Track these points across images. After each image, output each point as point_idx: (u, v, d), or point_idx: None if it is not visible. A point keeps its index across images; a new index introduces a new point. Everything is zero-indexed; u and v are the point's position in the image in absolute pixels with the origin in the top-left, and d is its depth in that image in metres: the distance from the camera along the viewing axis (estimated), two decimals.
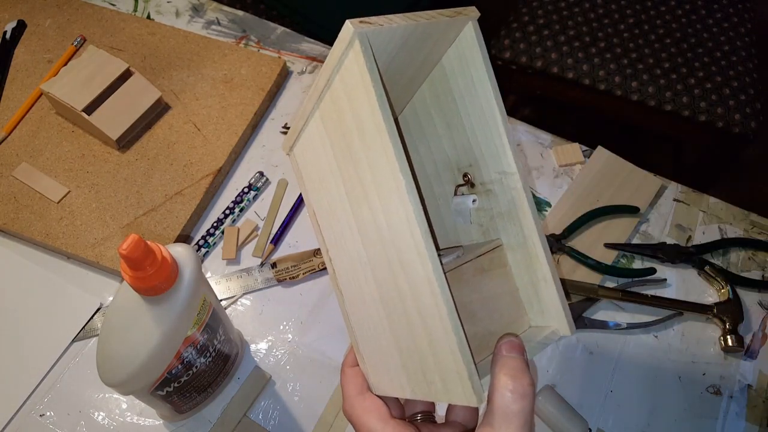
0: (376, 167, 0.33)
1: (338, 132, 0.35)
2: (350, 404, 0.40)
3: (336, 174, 0.37)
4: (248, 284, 0.65)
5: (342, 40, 0.32)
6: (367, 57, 0.31)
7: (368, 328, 0.40)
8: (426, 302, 0.33)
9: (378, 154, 0.32)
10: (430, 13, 0.34)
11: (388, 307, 0.37)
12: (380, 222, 0.35)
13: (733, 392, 0.60)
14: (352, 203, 0.37)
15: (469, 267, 0.38)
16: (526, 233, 0.38)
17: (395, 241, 0.34)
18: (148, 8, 0.86)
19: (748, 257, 0.68)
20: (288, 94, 0.78)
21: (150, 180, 0.69)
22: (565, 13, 1.20)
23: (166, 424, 0.58)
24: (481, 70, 0.37)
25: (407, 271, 0.34)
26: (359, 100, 0.32)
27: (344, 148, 0.35)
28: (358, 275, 0.39)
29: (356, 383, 0.41)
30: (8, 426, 0.57)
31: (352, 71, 0.32)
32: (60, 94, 0.69)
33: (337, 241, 0.40)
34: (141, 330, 0.44)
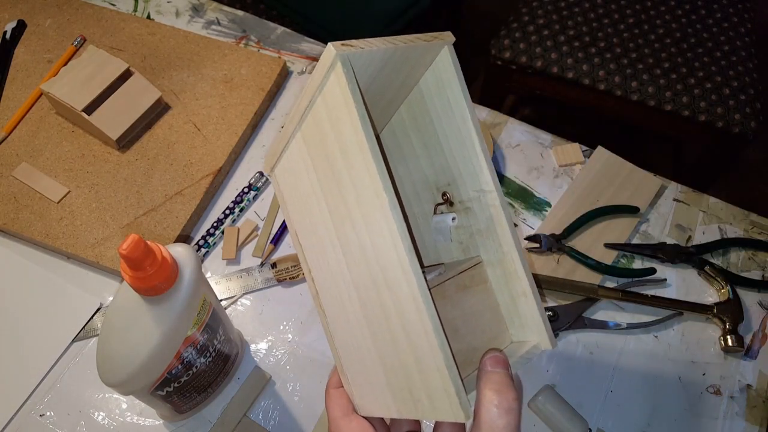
0: (359, 186, 0.33)
1: (321, 152, 0.36)
2: (336, 426, 0.40)
3: (319, 194, 0.37)
4: (248, 284, 0.65)
5: (324, 62, 0.32)
6: (349, 78, 0.32)
7: (352, 348, 0.40)
8: (411, 319, 0.33)
9: (361, 172, 0.33)
10: (408, 37, 0.35)
11: (373, 326, 0.37)
12: (364, 241, 0.35)
13: (733, 392, 0.60)
14: (335, 223, 0.37)
15: (451, 284, 0.39)
16: (504, 249, 0.38)
17: (379, 260, 0.34)
18: (148, 8, 0.86)
19: (748, 257, 0.68)
20: (288, 94, 0.78)
21: (150, 180, 0.69)
22: (565, 13, 1.20)
23: (166, 424, 0.58)
24: (457, 92, 0.38)
25: (392, 289, 0.34)
26: (342, 120, 0.33)
27: (327, 168, 0.36)
28: (341, 295, 0.39)
29: (341, 405, 0.41)
30: (8, 426, 0.57)
31: (334, 92, 0.33)
32: (60, 94, 0.69)
33: (320, 261, 0.40)
34: (141, 330, 0.44)
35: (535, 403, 0.58)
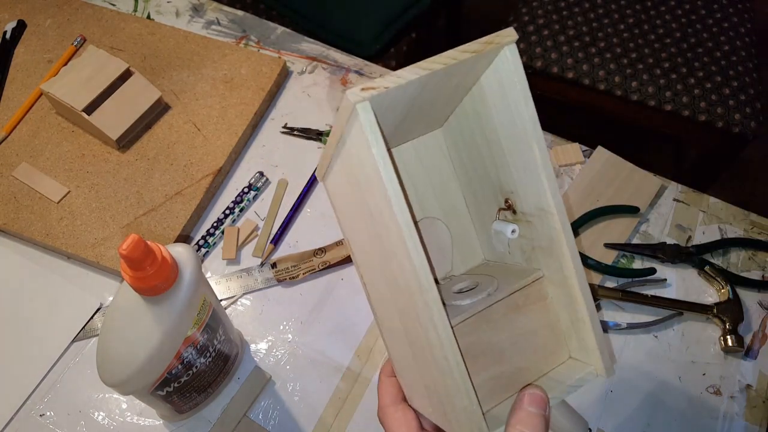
0: (389, 232, 0.33)
1: (356, 187, 0.35)
2: (383, 413, 0.41)
3: (359, 216, 0.37)
4: (248, 284, 0.65)
5: (345, 109, 0.31)
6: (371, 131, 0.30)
7: (399, 354, 0.40)
8: (442, 363, 0.33)
9: (388, 222, 0.32)
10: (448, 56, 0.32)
11: (414, 348, 0.37)
12: (398, 279, 0.34)
13: (733, 392, 0.60)
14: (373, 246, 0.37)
15: (499, 306, 0.38)
16: (565, 273, 0.37)
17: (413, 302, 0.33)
18: (148, 8, 0.86)
19: (748, 257, 0.68)
20: (288, 94, 0.78)
21: (150, 180, 0.69)
22: (565, 13, 1.20)
23: (166, 424, 0.58)
24: (519, 101, 0.35)
25: (425, 330, 0.33)
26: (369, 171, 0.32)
27: (363, 202, 0.35)
28: (388, 308, 0.39)
29: (391, 393, 0.41)
30: (8, 426, 0.57)
31: (360, 140, 0.32)
32: (60, 94, 0.69)
33: (368, 269, 0.40)
34: (141, 330, 0.44)
35: None
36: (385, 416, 0.41)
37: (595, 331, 0.36)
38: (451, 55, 0.32)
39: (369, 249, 0.38)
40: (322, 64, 0.81)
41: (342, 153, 0.35)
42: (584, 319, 0.37)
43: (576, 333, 0.38)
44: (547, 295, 0.39)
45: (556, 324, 0.39)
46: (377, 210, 0.33)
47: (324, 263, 0.65)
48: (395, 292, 0.36)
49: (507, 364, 0.37)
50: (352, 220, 0.39)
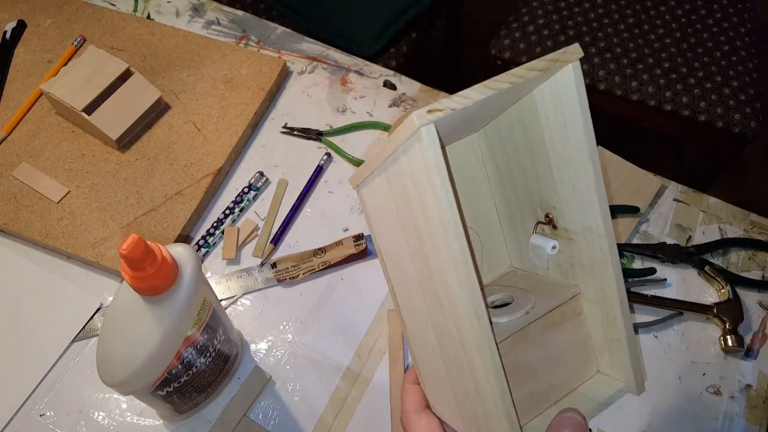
0: (438, 254, 0.32)
1: (404, 204, 0.34)
2: (408, 420, 0.41)
3: (401, 233, 0.36)
4: (248, 284, 0.65)
5: (408, 128, 0.30)
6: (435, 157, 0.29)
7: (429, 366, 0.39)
8: (483, 387, 0.32)
9: (441, 246, 0.31)
10: (515, 74, 0.31)
11: (448, 365, 0.36)
12: (443, 300, 0.33)
13: (733, 392, 0.60)
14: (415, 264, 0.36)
15: (537, 325, 0.37)
16: (606, 293, 0.36)
17: (457, 326, 0.33)
18: (148, 8, 0.86)
19: (748, 257, 0.68)
20: (288, 94, 0.78)
21: (150, 180, 0.69)
22: (565, 13, 1.20)
23: (166, 424, 0.58)
24: (577, 119, 0.34)
25: (467, 353, 0.33)
26: (425, 193, 0.31)
27: (410, 220, 0.34)
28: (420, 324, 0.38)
29: (415, 400, 0.41)
30: (8, 426, 0.57)
31: (418, 162, 0.30)
32: (60, 94, 0.69)
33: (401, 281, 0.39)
34: (141, 330, 0.44)
35: None
36: (409, 423, 0.41)
37: (631, 352, 0.36)
38: (517, 74, 0.31)
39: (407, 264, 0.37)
40: (322, 64, 0.81)
41: (392, 168, 0.34)
42: (621, 339, 0.36)
43: (609, 350, 0.38)
44: (582, 311, 0.39)
45: (587, 340, 0.39)
46: (428, 232, 0.32)
47: (324, 263, 0.65)
48: (435, 310, 0.35)
49: (540, 381, 0.37)
50: (389, 232, 0.38)
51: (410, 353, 0.42)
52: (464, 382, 0.34)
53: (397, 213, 0.35)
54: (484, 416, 0.34)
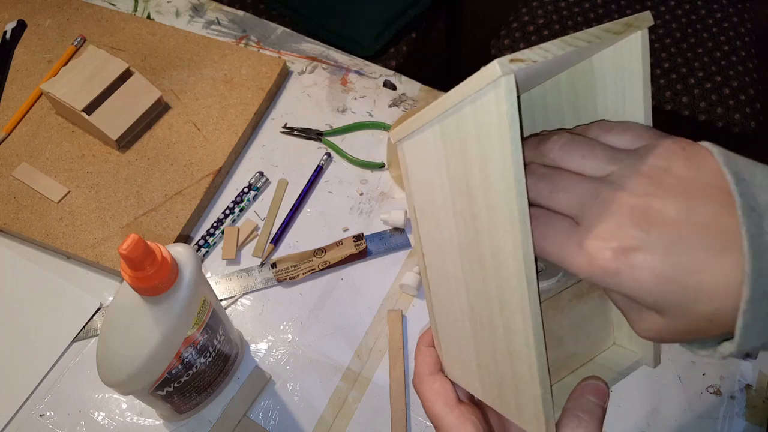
0: (493, 213, 0.31)
1: (458, 157, 0.33)
2: (420, 381, 0.41)
3: (446, 190, 0.35)
4: (248, 284, 0.65)
5: (485, 77, 0.28)
6: (510, 108, 0.28)
7: (451, 329, 0.39)
8: (519, 350, 0.32)
9: (499, 204, 0.31)
10: (594, 33, 0.30)
11: (476, 327, 0.36)
12: (485, 255, 0.33)
13: (733, 392, 0.60)
14: (458, 223, 0.35)
15: (567, 293, 0.38)
16: None
17: (500, 287, 0.33)
18: (148, 8, 0.86)
19: None
20: (288, 94, 0.78)
21: (150, 180, 0.69)
22: (565, 13, 1.20)
23: (166, 424, 0.58)
24: (636, 89, 0.33)
25: (505, 315, 0.33)
26: (490, 147, 0.30)
27: (461, 176, 0.33)
28: (450, 284, 0.38)
29: (429, 362, 0.42)
30: (8, 426, 0.57)
31: (489, 113, 0.29)
32: (60, 94, 0.69)
33: (435, 244, 0.38)
34: (141, 330, 0.44)
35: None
36: (421, 384, 0.41)
37: None
38: (594, 34, 0.30)
39: (448, 223, 0.36)
40: (322, 64, 0.81)
41: (450, 120, 0.32)
42: None
43: None
44: None
45: (608, 312, 0.39)
46: (484, 189, 0.31)
47: (324, 263, 0.65)
48: (474, 272, 0.35)
49: (563, 348, 0.38)
50: (430, 189, 0.37)
51: (430, 315, 0.42)
52: (494, 345, 0.34)
53: (446, 168, 0.34)
54: (512, 379, 0.34)
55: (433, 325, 0.42)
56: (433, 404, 0.39)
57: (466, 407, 0.39)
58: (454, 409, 0.38)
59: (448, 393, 0.39)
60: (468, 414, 0.38)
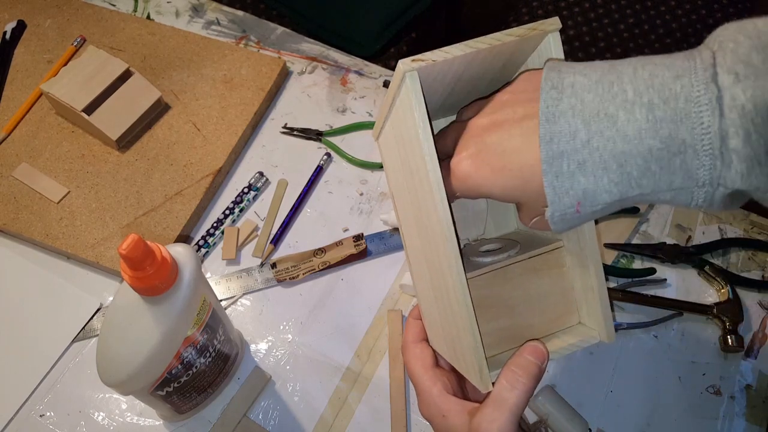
0: (423, 189, 0.37)
1: (403, 145, 0.39)
2: (405, 348, 0.47)
3: (402, 174, 0.41)
4: (248, 284, 0.65)
5: (396, 76, 0.35)
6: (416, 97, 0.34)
7: (425, 298, 0.45)
8: (453, 305, 0.37)
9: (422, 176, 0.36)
10: (494, 37, 0.35)
11: (436, 292, 0.41)
12: (428, 228, 0.39)
13: (733, 392, 0.60)
14: (412, 202, 0.41)
15: (516, 267, 0.42)
16: (581, 245, 0.40)
17: (437, 250, 0.38)
18: (148, 8, 0.86)
19: (748, 257, 0.68)
20: (288, 94, 0.78)
21: (150, 180, 0.69)
22: (565, 13, 1.20)
23: (166, 424, 0.58)
24: None
25: (444, 277, 0.38)
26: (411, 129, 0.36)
27: (407, 160, 0.39)
28: (418, 257, 0.44)
29: (414, 332, 0.47)
30: (8, 426, 0.57)
31: (404, 104, 0.36)
32: (60, 94, 0.69)
33: (406, 223, 0.45)
34: (141, 330, 0.44)
35: (535, 403, 0.58)
36: (406, 350, 0.46)
37: (602, 299, 0.40)
38: (496, 37, 0.35)
39: (408, 203, 0.42)
40: (322, 64, 0.81)
41: (392, 114, 0.39)
42: (593, 287, 0.40)
43: (586, 300, 0.41)
44: (565, 263, 0.42)
45: (569, 291, 0.43)
46: (415, 166, 0.37)
47: (324, 263, 0.65)
48: (425, 242, 0.40)
49: (517, 318, 0.42)
50: (396, 174, 0.43)
51: (416, 291, 0.48)
52: (446, 307, 0.39)
53: (399, 154, 0.40)
54: (458, 336, 0.38)
55: (417, 299, 0.48)
56: (413, 366, 0.45)
57: (440, 370, 0.44)
58: (429, 371, 0.44)
59: (426, 358, 0.45)
60: (440, 376, 0.43)
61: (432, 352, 0.46)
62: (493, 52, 0.36)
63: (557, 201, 0.32)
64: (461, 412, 0.40)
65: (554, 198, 0.32)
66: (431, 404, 0.42)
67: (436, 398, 0.42)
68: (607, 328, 0.40)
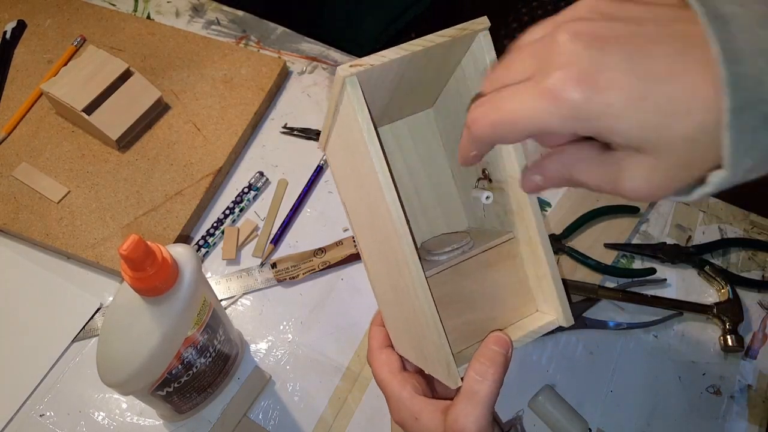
0: (374, 193, 0.37)
1: (349, 149, 0.40)
2: (371, 355, 0.46)
3: (352, 178, 0.42)
4: (248, 284, 0.65)
5: (337, 82, 0.36)
6: (358, 101, 0.35)
7: (386, 303, 0.46)
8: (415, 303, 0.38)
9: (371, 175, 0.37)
10: (429, 38, 0.36)
11: (397, 294, 0.41)
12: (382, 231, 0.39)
13: (733, 392, 0.60)
14: (363, 203, 0.41)
15: (471, 262, 0.42)
16: (530, 234, 0.41)
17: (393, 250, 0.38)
18: (148, 8, 0.86)
19: (748, 257, 0.68)
20: (288, 94, 0.78)
21: (150, 180, 0.69)
22: None
23: (166, 424, 0.58)
24: None
25: (403, 275, 0.38)
26: (356, 132, 0.36)
27: (353, 164, 0.40)
28: (375, 261, 0.44)
29: (379, 339, 0.47)
30: (8, 426, 0.57)
31: (347, 108, 0.36)
32: (60, 94, 0.69)
33: (360, 229, 0.45)
34: (141, 330, 0.44)
35: (535, 403, 0.58)
36: (372, 358, 0.46)
37: (556, 285, 0.40)
38: (429, 39, 0.36)
39: (360, 209, 0.43)
40: (322, 64, 0.81)
41: (337, 122, 0.40)
42: (546, 274, 0.41)
43: (540, 288, 0.42)
44: (518, 254, 0.43)
45: (525, 281, 0.43)
46: (364, 169, 0.38)
47: (324, 263, 0.65)
48: (381, 244, 0.40)
49: (479, 312, 0.42)
50: (346, 181, 0.44)
51: (375, 297, 0.48)
52: (408, 307, 0.40)
53: (347, 161, 0.41)
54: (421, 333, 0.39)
55: (379, 305, 0.48)
56: (380, 372, 0.44)
57: (408, 374, 0.44)
58: (397, 375, 0.43)
59: (392, 363, 0.44)
60: (409, 379, 0.43)
61: (398, 357, 0.45)
62: (428, 54, 0.37)
63: (736, 163, 0.25)
64: (434, 412, 0.40)
65: (734, 159, 0.25)
66: (402, 408, 0.42)
67: (406, 401, 0.42)
68: (564, 312, 0.41)
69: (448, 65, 0.41)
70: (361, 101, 0.35)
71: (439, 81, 0.44)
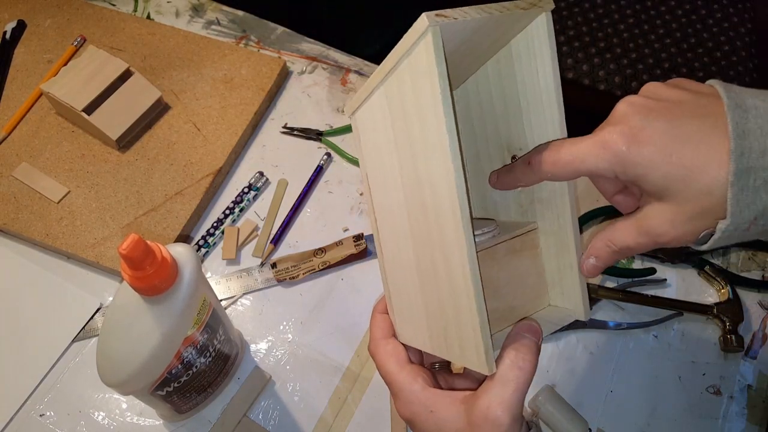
0: (430, 157, 0.35)
1: (400, 115, 0.37)
2: (375, 345, 0.45)
3: (392, 148, 0.39)
4: (248, 284, 0.65)
5: (416, 30, 0.33)
6: (437, 52, 0.32)
7: (402, 287, 0.43)
8: (458, 281, 0.36)
9: (432, 136, 0.34)
10: (505, 5, 0.35)
11: (423, 276, 0.40)
12: (426, 200, 0.37)
13: (733, 392, 0.60)
14: (403, 178, 0.39)
15: (501, 247, 0.41)
16: (561, 223, 0.41)
17: (438, 220, 0.36)
18: (148, 8, 0.86)
19: (748, 257, 0.68)
20: (288, 94, 0.78)
21: (150, 180, 0.69)
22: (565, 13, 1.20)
23: (166, 424, 0.58)
24: (546, 63, 0.38)
25: (445, 254, 0.36)
26: (423, 89, 0.34)
27: (404, 132, 0.37)
28: (399, 241, 0.42)
29: (383, 327, 0.45)
30: (8, 426, 0.57)
31: (421, 60, 0.33)
32: (60, 94, 0.69)
33: (384, 206, 0.43)
34: (141, 330, 0.44)
35: (535, 402, 0.58)
36: (376, 348, 0.44)
37: (581, 277, 0.40)
38: (504, 5, 0.35)
39: (394, 180, 0.40)
40: (322, 64, 0.81)
41: (393, 78, 0.37)
42: (572, 265, 0.41)
43: (561, 279, 0.42)
44: (539, 245, 0.43)
45: (542, 273, 0.43)
46: (422, 137, 0.35)
47: (324, 263, 0.65)
48: (418, 221, 0.38)
49: (501, 300, 0.42)
50: (379, 152, 0.41)
51: (384, 282, 0.46)
52: (439, 288, 0.38)
53: (391, 126, 0.39)
54: (455, 317, 0.37)
55: (387, 291, 0.46)
56: (386, 364, 0.43)
57: (416, 366, 0.42)
58: (405, 366, 0.42)
59: (399, 354, 0.43)
60: (418, 371, 0.41)
61: (403, 347, 0.44)
62: (497, 22, 0.36)
63: (737, 214, 0.32)
64: (452, 403, 0.39)
65: (735, 210, 0.32)
66: (414, 401, 0.40)
67: (419, 394, 0.40)
68: (584, 305, 0.40)
69: (499, 42, 0.40)
70: (441, 54, 0.32)
71: (481, 59, 0.42)
